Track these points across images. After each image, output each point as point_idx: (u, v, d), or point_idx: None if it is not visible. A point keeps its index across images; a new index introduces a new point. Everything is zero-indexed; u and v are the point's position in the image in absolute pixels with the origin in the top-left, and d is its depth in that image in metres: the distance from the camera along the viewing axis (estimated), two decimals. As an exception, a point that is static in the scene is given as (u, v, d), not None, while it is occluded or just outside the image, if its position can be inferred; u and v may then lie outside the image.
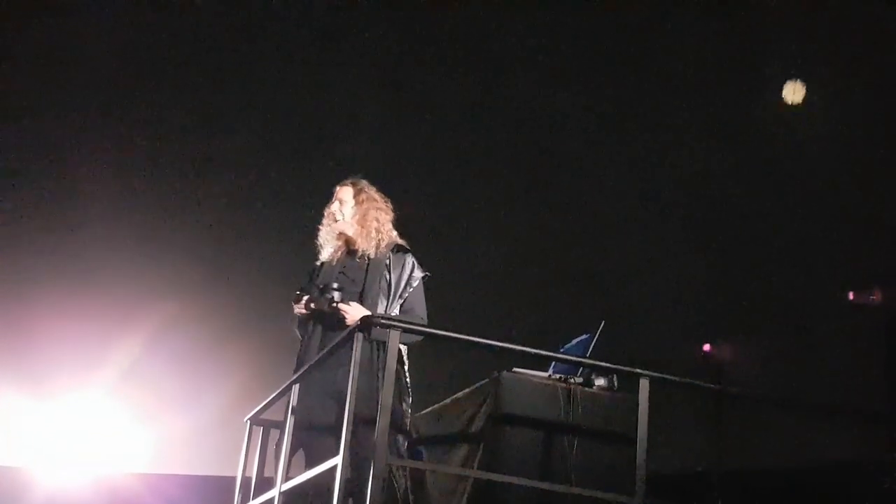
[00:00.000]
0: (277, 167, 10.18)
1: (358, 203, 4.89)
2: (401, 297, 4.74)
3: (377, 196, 4.96)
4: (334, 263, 4.87)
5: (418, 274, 4.79)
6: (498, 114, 10.32)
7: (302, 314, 4.76)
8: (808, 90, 9.38)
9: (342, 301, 4.64)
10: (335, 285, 4.67)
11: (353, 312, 4.58)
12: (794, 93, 9.29)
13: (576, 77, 10.12)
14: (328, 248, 4.94)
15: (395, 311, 4.72)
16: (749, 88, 9.83)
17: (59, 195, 9.75)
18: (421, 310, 4.78)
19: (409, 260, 4.80)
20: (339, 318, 4.62)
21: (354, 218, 4.86)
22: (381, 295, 4.71)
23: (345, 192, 4.94)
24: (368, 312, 4.50)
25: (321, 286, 4.72)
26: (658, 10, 9.64)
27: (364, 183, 4.99)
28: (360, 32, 10.09)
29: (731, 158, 9.93)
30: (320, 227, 5.00)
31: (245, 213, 10.09)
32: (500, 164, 10.45)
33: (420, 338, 4.50)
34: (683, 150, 10.14)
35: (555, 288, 10.04)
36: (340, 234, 4.89)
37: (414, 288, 4.77)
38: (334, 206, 4.92)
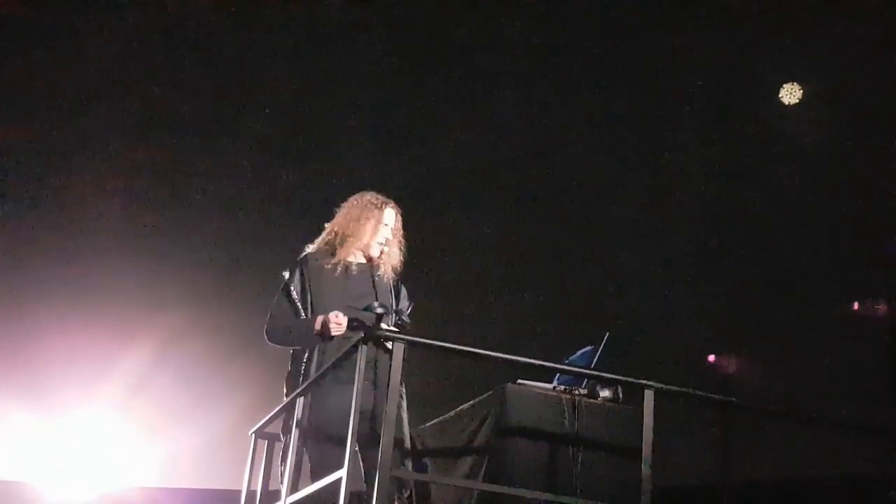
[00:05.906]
0: (287, 174, 10.15)
1: (400, 234, 4.87)
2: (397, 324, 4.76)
3: None
4: (336, 274, 4.78)
5: (410, 305, 4.85)
6: (501, 124, 10.31)
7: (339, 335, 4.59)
8: (805, 92, 9.37)
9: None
10: (376, 303, 4.54)
11: None
12: (790, 94, 9.30)
13: (581, 87, 10.12)
14: (340, 253, 4.80)
15: None
16: (752, 97, 9.85)
17: (62, 206, 9.72)
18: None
19: (404, 291, 4.85)
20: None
21: (395, 246, 4.84)
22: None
23: (398, 221, 4.86)
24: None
25: (362, 307, 4.57)
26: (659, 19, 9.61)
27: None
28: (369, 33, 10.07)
29: (736, 171, 9.93)
30: (355, 230, 4.78)
31: (253, 223, 10.05)
32: (504, 176, 10.45)
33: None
34: (688, 161, 10.14)
35: (559, 299, 10.03)
36: (373, 255, 4.80)
37: (408, 317, 4.81)
38: (391, 234, 4.81)
